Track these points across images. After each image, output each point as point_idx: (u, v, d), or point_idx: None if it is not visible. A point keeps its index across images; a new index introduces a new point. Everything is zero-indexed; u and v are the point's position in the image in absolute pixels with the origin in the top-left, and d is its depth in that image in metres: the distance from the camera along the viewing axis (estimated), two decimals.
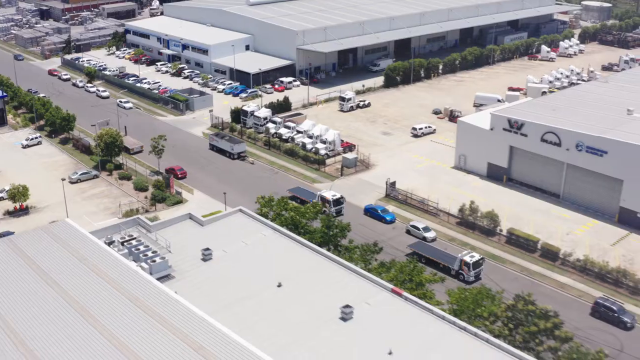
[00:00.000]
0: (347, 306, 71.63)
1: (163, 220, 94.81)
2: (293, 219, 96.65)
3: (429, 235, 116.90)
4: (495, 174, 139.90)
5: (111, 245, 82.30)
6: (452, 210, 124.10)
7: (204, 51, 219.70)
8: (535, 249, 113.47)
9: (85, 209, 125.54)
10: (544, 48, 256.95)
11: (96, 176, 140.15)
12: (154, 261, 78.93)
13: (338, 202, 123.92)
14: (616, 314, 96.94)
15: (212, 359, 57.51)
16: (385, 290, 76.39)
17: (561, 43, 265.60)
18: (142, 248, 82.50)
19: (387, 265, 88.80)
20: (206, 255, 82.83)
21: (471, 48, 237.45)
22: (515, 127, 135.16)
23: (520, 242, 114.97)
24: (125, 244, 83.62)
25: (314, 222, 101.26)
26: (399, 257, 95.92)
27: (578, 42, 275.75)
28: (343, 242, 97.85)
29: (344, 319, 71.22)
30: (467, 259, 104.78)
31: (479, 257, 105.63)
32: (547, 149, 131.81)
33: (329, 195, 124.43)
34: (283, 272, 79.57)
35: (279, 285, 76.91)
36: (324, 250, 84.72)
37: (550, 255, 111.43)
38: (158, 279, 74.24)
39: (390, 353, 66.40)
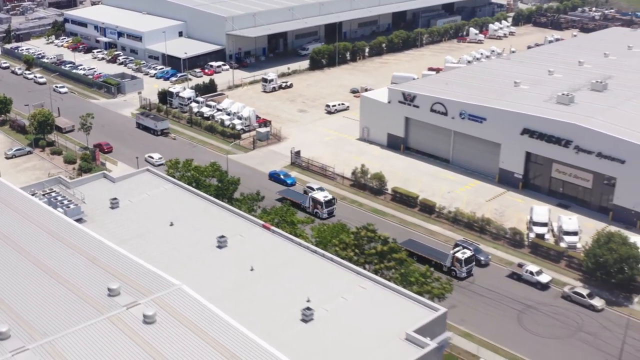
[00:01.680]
0: (222, 236, 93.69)
1: (81, 178, 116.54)
2: (194, 177, 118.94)
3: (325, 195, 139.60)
4: (394, 144, 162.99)
5: (34, 196, 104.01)
6: (348, 174, 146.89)
7: (138, 38, 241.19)
8: (416, 204, 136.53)
9: (18, 180, 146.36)
10: (472, 31, 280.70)
11: (30, 152, 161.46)
12: (68, 207, 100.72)
13: (330, 203, 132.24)
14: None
15: (104, 267, 79.50)
16: (258, 226, 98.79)
17: (491, 25, 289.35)
18: (59, 198, 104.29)
19: (267, 210, 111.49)
20: (114, 204, 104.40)
21: (398, 31, 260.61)
22: (408, 99, 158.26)
23: (403, 199, 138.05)
24: (45, 195, 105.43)
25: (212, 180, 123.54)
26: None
27: (509, 24, 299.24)
28: (236, 195, 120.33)
29: (219, 247, 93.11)
30: (459, 255, 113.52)
31: (471, 254, 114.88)
32: (436, 118, 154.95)
33: (321, 196, 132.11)
34: (176, 215, 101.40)
35: (171, 225, 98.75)
36: (214, 199, 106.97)
37: (427, 209, 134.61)
38: None
39: (252, 269, 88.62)
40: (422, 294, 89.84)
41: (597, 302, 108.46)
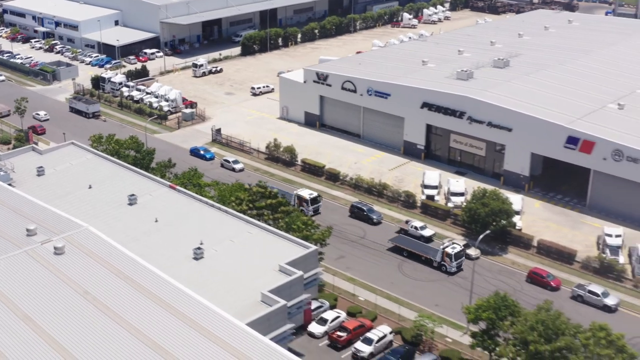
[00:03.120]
0: (132, 195, 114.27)
1: (11, 151, 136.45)
2: (114, 149, 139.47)
3: (237, 166, 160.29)
4: (310, 121, 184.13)
5: None
6: (264, 149, 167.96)
7: (75, 27, 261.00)
8: (322, 173, 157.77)
9: None
10: (406, 16, 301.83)
11: None
12: None
13: (315, 200, 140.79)
14: (365, 213, 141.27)
15: (24, 214, 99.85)
16: (165, 186, 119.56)
17: (425, 10, 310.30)
18: None
19: (178, 175, 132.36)
20: (40, 172, 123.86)
21: (330, 17, 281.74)
22: (321, 79, 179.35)
23: (311, 169, 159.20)
24: None
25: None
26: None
27: (445, 9, 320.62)
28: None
29: (130, 204, 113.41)
30: (449, 250, 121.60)
31: (460, 248, 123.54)
32: (347, 95, 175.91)
33: (306, 194, 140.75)
34: (95, 179, 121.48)
35: (90, 187, 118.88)
36: (129, 166, 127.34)
37: (332, 177, 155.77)
38: None
39: (156, 221, 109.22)
40: (306, 239, 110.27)
41: (473, 251, 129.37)
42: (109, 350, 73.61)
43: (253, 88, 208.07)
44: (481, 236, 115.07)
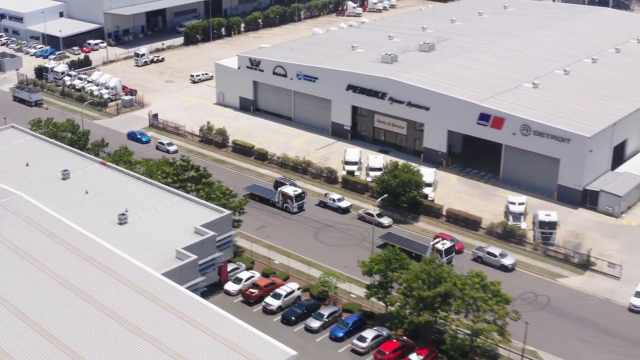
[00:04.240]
0: (65, 170, 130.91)
1: None
2: (52, 131, 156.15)
3: (171, 148, 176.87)
4: (245, 106, 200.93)
5: None
6: (198, 132, 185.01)
7: (20, 19, 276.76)
8: (252, 153, 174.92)
9: None
10: (350, 4, 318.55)
11: None
12: None
13: (300, 197, 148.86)
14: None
15: None
16: (97, 163, 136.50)
17: None
18: None
19: (111, 154, 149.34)
20: None
21: (274, 7, 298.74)
22: (254, 64, 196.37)
23: (242, 149, 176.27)
24: None
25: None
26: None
27: None
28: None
29: (63, 179, 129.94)
30: (439, 246, 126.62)
31: (450, 244, 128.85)
32: (278, 80, 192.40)
33: (291, 191, 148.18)
34: (32, 158, 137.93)
35: (27, 165, 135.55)
36: (65, 146, 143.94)
37: (261, 156, 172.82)
38: None
39: (87, 192, 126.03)
40: (224, 207, 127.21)
41: (385, 220, 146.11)
42: (36, 295, 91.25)
43: (192, 76, 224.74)
44: (379, 199, 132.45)
